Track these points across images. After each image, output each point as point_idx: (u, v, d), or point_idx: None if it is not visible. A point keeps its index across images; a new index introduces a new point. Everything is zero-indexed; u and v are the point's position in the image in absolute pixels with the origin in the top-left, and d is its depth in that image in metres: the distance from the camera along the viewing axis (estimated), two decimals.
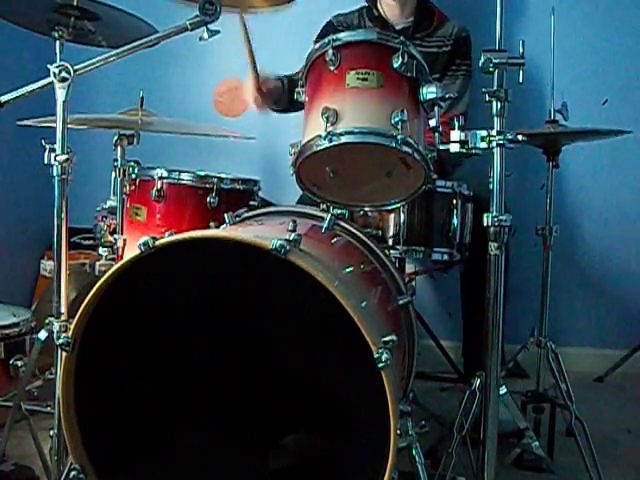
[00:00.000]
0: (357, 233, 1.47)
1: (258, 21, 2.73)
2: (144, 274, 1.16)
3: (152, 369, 1.28)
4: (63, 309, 1.33)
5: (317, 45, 1.39)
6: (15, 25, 1.53)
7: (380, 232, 1.68)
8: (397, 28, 2.26)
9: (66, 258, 1.34)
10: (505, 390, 1.36)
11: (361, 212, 1.66)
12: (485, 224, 1.29)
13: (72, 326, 1.13)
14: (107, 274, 1.10)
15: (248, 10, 1.73)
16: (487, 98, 1.27)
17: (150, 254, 1.09)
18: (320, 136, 1.32)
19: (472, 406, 1.35)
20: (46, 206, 1.39)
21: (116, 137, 1.80)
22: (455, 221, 1.70)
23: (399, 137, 1.29)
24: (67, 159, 1.31)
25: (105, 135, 1.92)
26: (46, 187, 1.37)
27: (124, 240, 1.75)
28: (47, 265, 1.83)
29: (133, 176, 1.75)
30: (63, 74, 1.29)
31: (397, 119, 1.30)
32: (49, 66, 1.29)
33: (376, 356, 0.99)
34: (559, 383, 1.68)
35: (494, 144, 1.27)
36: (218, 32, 1.35)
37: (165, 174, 1.70)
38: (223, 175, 1.73)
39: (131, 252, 1.12)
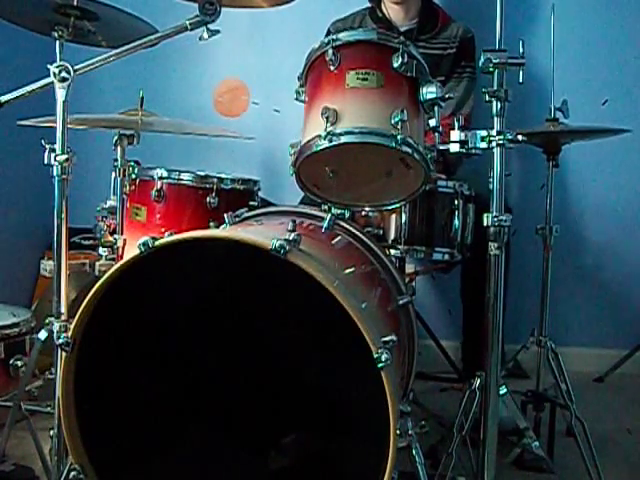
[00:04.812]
0: (357, 233, 1.47)
1: (259, 21, 2.75)
2: (144, 274, 1.16)
3: (152, 369, 1.28)
4: (63, 309, 1.34)
5: (317, 45, 1.39)
6: (15, 25, 1.53)
7: (381, 231, 1.68)
8: (401, 30, 2.26)
9: (66, 258, 1.34)
10: (505, 390, 1.36)
11: (362, 212, 1.66)
12: (485, 224, 1.29)
13: (72, 326, 1.13)
14: (107, 274, 1.10)
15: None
16: (487, 98, 1.27)
17: (150, 254, 1.09)
18: (320, 136, 1.32)
19: (472, 406, 1.35)
20: (46, 206, 1.39)
21: (116, 137, 1.80)
22: (456, 221, 1.70)
23: (399, 137, 1.29)
24: (67, 159, 1.31)
25: (105, 135, 1.92)
26: (46, 187, 1.37)
27: (124, 240, 1.74)
28: (47, 265, 1.82)
29: (133, 176, 1.74)
30: (63, 74, 1.29)
31: (397, 119, 1.30)
32: (49, 66, 1.29)
33: (376, 356, 0.99)
34: (559, 383, 1.68)
35: (494, 144, 1.27)
36: (218, 32, 1.35)
37: (165, 174, 1.70)
38: (223, 175, 1.73)
39: (131, 252, 1.12)
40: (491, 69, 1.27)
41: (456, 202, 1.70)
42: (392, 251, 1.67)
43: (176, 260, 1.18)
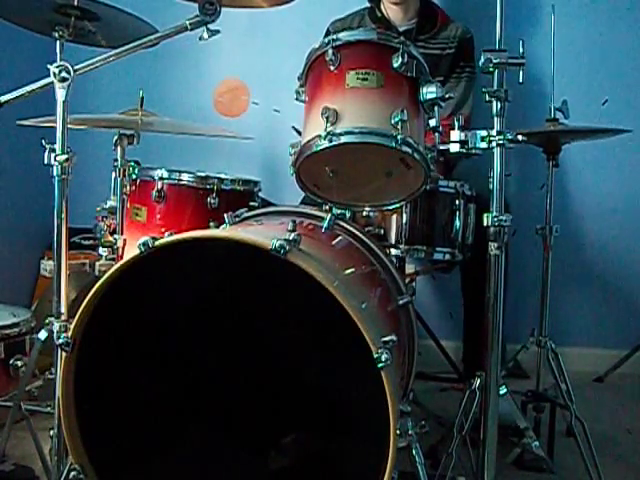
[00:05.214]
0: (357, 233, 1.47)
1: (259, 21, 2.75)
2: (144, 274, 1.16)
3: (152, 369, 1.28)
4: (63, 309, 1.33)
5: (317, 45, 1.39)
6: (15, 25, 1.53)
7: (382, 231, 1.68)
8: (400, 30, 2.26)
9: (66, 258, 1.34)
10: (505, 390, 1.36)
11: (363, 212, 1.66)
12: (485, 224, 1.29)
13: (72, 326, 1.13)
14: (107, 274, 1.10)
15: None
16: (487, 98, 1.27)
17: (150, 254, 1.09)
18: (320, 136, 1.32)
19: (472, 406, 1.35)
20: (46, 206, 1.39)
21: (116, 137, 1.80)
22: (457, 222, 1.70)
23: (399, 137, 1.29)
24: (67, 159, 1.31)
25: (105, 135, 1.92)
26: (46, 187, 1.37)
27: (124, 240, 1.75)
28: (47, 265, 1.82)
29: (133, 176, 1.74)
30: (63, 74, 1.29)
31: (397, 119, 1.30)
32: (49, 66, 1.29)
33: (376, 356, 0.99)
34: (559, 383, 1.68)
35: (494, 144, 1.27)
36: (218, 32, 1.35)
37: (165, 174, 1.70)
38: (223, 176, 1.73)
39: (131, 252, 1.12)
40: (491, 69, 1.26)
41: (457, 202, 1.70)
42: (392, 251, 1.67)
43: (176, 260, 1.18)
